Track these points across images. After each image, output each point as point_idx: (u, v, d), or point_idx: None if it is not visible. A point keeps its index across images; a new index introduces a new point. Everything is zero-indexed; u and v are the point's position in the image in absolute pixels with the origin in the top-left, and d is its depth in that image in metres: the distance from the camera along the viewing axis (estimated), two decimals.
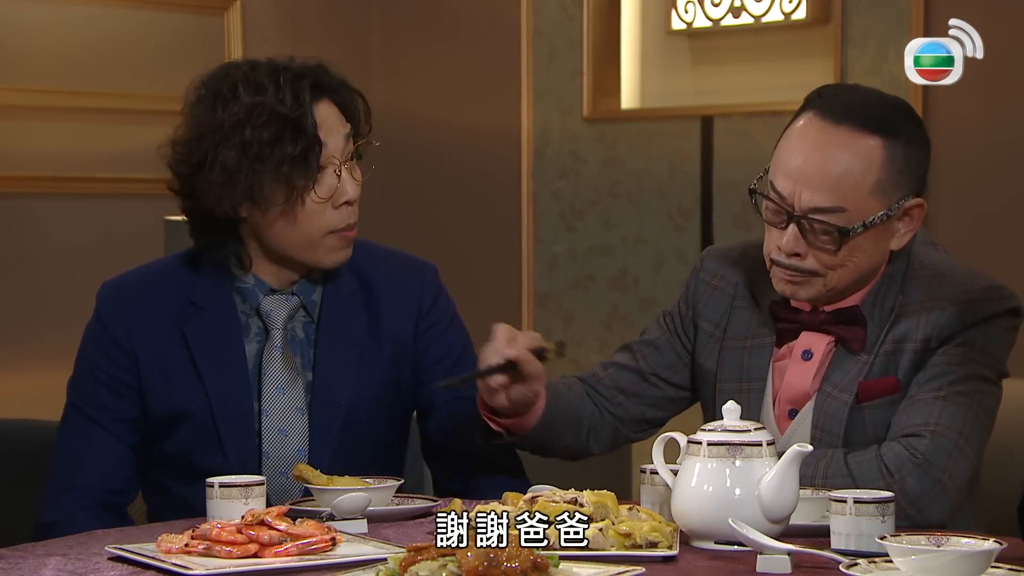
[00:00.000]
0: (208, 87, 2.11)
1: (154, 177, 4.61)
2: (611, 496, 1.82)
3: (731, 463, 1.75)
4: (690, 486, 1.77)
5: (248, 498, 1.83)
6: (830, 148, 1.98)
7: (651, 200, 4.54)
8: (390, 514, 1.97)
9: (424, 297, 2.24)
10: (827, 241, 2.00)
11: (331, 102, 2.12)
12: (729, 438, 1.77)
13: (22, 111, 4.42)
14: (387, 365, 2.19)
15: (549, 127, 4.74)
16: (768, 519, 1.74)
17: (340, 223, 2.10)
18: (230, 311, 2.14)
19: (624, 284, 4.62)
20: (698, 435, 1.79)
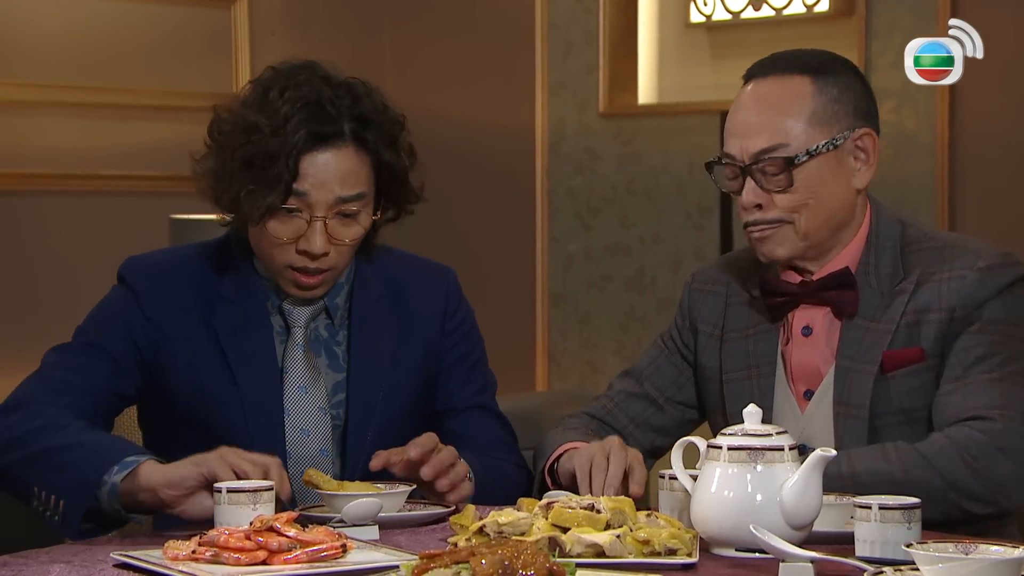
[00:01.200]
0: (257, 83, 2.13)
1: (160, 174, 4.71)
2: (629, 502, 1.82)
3: (752, 468, 1.75)
4: (710, 492, 1.77)
5: (257, 504, 1.82)
6: (761, 96, 2.10)
7: (669, 198, 4.54)
8: (402, 520, 1.97)
9: (450, 299, 2.26)
10: (779, 181, 2.07)
11: (339, 155, 2.08)
12: (750, 442, 1.76)
13: (25, 107, 4.43)
14: (418, 367, 2.21)
15: (564, 123, 4.74)
16: (791, 525, 1.74)
17: (296, 262, 2.10)
18: (259, 306, 2.15)
19: (641, 284, 4.62)
20: (718, 439, 1.79)
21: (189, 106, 4.57)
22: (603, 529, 1.75)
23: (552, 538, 1.72)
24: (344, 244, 2.11)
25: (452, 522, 1.87)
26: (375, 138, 2.10)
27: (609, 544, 1.71)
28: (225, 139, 2.09)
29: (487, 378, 2.30)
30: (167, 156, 4.56)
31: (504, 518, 1.77)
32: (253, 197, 2.05)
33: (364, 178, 2.11)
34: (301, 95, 2.07)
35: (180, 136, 4.53)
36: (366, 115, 2.10)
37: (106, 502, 1.93)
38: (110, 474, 1.91)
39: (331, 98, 2.08)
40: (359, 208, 2.11)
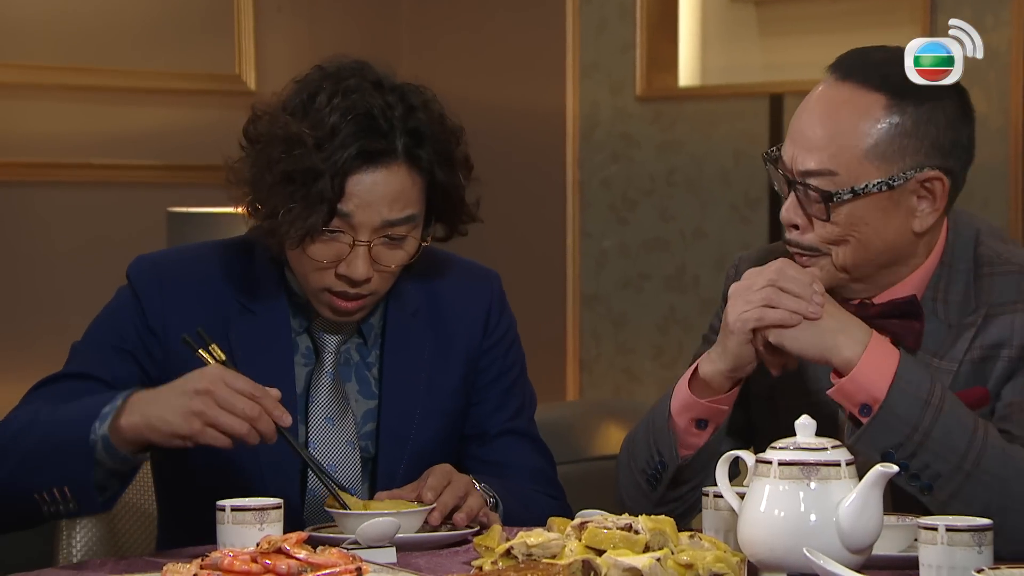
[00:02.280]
0: (301, 85, 2.09)
1: (157, 163, 4.73)
2: (670, 522, 1.82)
3: (805, 485, 1.74)
4: (759, 511, 1.76)
5: (264, 523, 1.82)
6: (827, 106, 2.02)
7: (713, 189, 4.53)
8: (421, 542, 1.96)
9: (492, 311, 2.23)
10: (819, 209, 2.02)
11: (389, 174, 2.04)
12: (803, 457, 1.76)
13: (8, 90, 4.45)
14: (456, 391, 2.19)
15: (598, 107, 4.73)
16: (848, 548, 1.74)
17: (335, 286, 2.07)
18: (282, 321, 2.12)
19: (682, 283, 4.61)
20: (768, 453, 1.78)
21: (188, 89, 4.60)
22: (642, 551, 1.75)
23: (586, 561, 1.73)
24: (388, 270, 2.09)
25: (477, 544, 1.88)
26: (430, 156, 2.07)
27: (648, 568, 1.71)
28: (263, 147, 2.05)
29: (524, 398, 2.26)
30: (164, 144, 4.59)
31: (533, 539, 1.77)
32: (292, 217, 2.01)
33: (415, 199, 2.08)
34: (350, 104, 2.03)
35: (178, 122, 4.56)
36: (420, 130, 2.06)
37: (108, 459, 1.92)
38: (95, 432, 1.90)
39: (383, 108, 2.04)
40: (407, 232, 2.08)
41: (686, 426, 2.06)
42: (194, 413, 1.86)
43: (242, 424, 1.86)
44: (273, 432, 1.89)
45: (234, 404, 1.86)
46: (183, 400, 1.87)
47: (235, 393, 1.87)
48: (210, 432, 1.86)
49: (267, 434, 1.88)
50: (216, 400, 1.86)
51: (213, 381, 1.87)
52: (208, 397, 1.86)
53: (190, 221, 3.96)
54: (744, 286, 2.01)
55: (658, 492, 2.11)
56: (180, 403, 1.87)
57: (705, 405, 2.05)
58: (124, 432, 1.90)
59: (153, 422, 1.88)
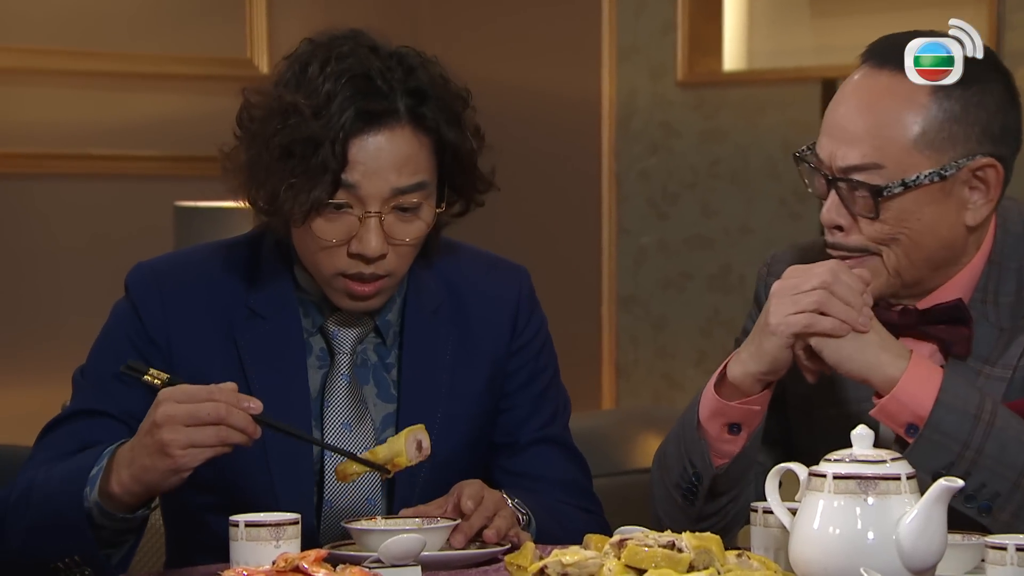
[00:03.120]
0: (292, 58, 2.11)
1: (163, 154, 4.74)
2: (716, 540, 1.81)
3: (863, 500, 1.74)
4: (812, 528, 1.76)
5: (280, 539, 1.83)
6: (867, 96, 2.02)
7: (760, 181, 4.53)
8: (448, 560, 1.96)
9: (521, 309, 2.22)
10: (866, 206, 2.01)
11: (394, 137, 2.05)
12: (860, 470, 1.75)
13: (6, 75, 4.47)
14: (481, 395, 2.18)
15: (636, 93, 4.73)
16: (909, 569, 1.73)
17: (349, 268, 2.07)
18: (294, 324, 2.12)
19: (727, 283, 4.61)
20: (822, 466, 1.77)
21: (196, 74, 4.61)
22: (686, 571, 1.75)
23: None
24: (403, 244, 2.08)
25: (508, 562, 1.88)
26: (435, 115, 2.07)
27: None
28: (258, 127, 2.06)
29: (558, 404, 2.25)
30: (171, 133, 4.59)
31: (569, 558, 1.77)
32: (295, 192, 2.01)
33: (424, 164, 2.08)
34: (345, 67, 2.04)
35: (186, 110, 4.57)
36: (422, 89, 2.06)
37: (108, 522, 1.94)
38: (87, 499, 1.93)
39: (381, 71, 2.04)
40: (420, 200, 2.07)
41: (718, 432, 2.05)
42: (163, 445, 1.87)
43: (215, 431, 1.87)
44: (249, 422, 1.88)
45: (196, 414, 1.87)
46: (148, 439, 1.88)
47: (191, 404, 1.88)
48: (192, 453, 1.87)
49: (245, 426, 1.88)
50: (178, 421, 1.87)
51: (165, 404, 1.88)
52: (169, 423, 1.87)
53: (199, 216, 3.96)
54: (790, 286, 2.00)
55: (696, 507, 2.11)
56: (149, 443, 1.88)
57: (736, 408, 2.04)
58: (118, 497, 1.92)
59: (138, 474, 1.90)
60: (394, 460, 1.99)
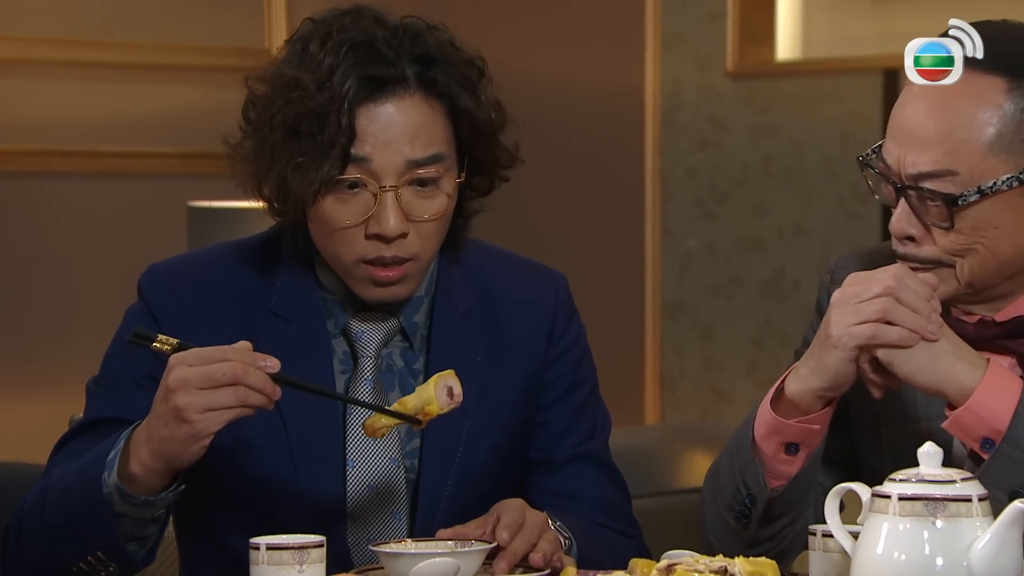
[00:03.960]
0: (292, 40, 2.12)
1: (176, 151, 4.74)
2: (771, 565, 1.82)
3: (930, 524, 1.73)
4: (876, 553, 1.75)
5: (303, 563, 1.83)
6: (936, 96, 2.01)
7: (816, 179, 4.52)
8: None
9: (558, 316, 2.22)
10: (939, 215, 2.00)
11: (403, 106, 2.06)
12: (928, 491, 1.74)
13: (6, 67, 4.48)
14: (513, 404, 2.18)
15: (682, 85, 4.72)
16: None
17: (368, 252, 2.07)
18: (318, 326, 2.13)
19: (780, 289, 4.60)
20: (886, 486, 1.77)
21: (212, 65, 4.61)
22: None
23: None
24: (424, 221, 2.08)
25: None
26: (446, 79, 2.07)
27: None
28: (261, 110, 2.08)
29: (597, 419, 2.25)
30: (184, 128, 4.60)
31: None
32: (303, 172, 2.02)
33: (440, 135, 2.08)
34: (346, 38, 2.05)
35: (200, 103, 4.57)
36: (431, 53, 2.06)
37: (129, 508, 1.95)
38: (105, 484, 1.94)
39: (386, 39, 2.06)
40: (437, 174, 2.08)
41: (774, 452, 2.05)
42: (179, 411, 1.88)
43: (233, 391, 1.88)
44: (267, 381, 1.90)
45: (211, 376, 1.88)
46: (163, 408, 1.90)
47: (205, 366, 1.89)
48: (211, 416, 1.89)
49: (263, 386, 1.90)
50: (193, 385, 1.88)
51: (177, 368, 1.90)
52: (182, 388, 1.88)
53: (214, 217, 3.97)
54: (852, 293, 1.99)
55: (749, 531, 2.10)
56: (164, 411, 1.90)
57: (794, 427, 2.03)
58: (139, 478, 1.93)
59: (157, 448, 1.91)
60: (425, 409, 1.99)
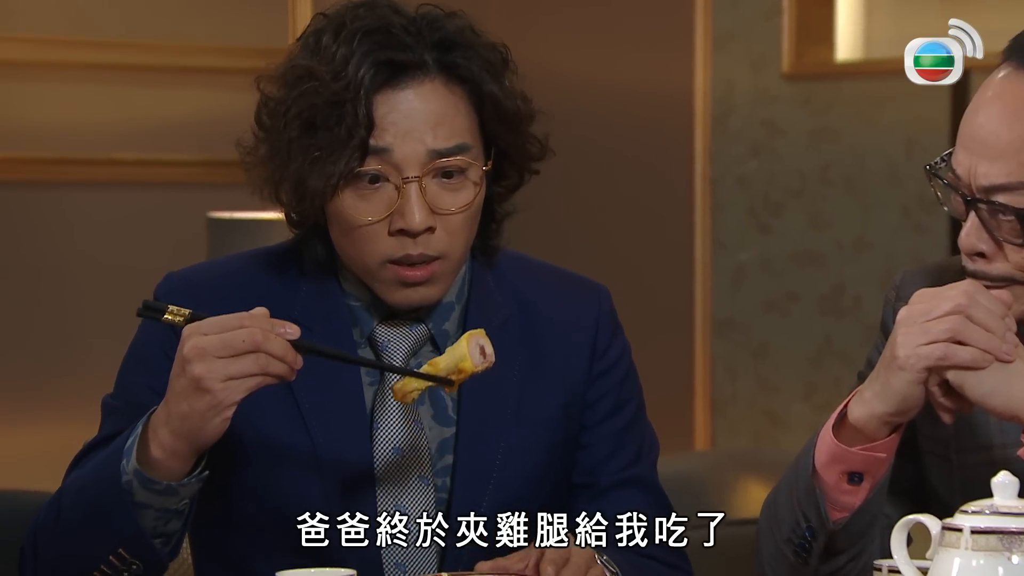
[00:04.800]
0: (304, 36, 2.14)
1: (195, 158, 4.75)
2: None
3: (1005, 559, 1.72)
4: None
5: None
6: (1011, 102, 2.00)
7: (879, 188, 4.52)
8: None
9: (601, 331, 2.22)
10: (1012, 230, 2.00)
11: (423, 92, 2.08)
12: (1003, 524, 1.73)
13: (16, 69, 4.50)
14: (554, 423, 2.18)
15: (734, 87, 4.74)
16: None
17: (394, 251, 2.08)
18: (344, 334, 2.14)
19: (839, 306, 4.60)
20: (957, 519, 1.75)
21: (233, 67, 4.62)
22: None
23: None
24: (451, 214, 2.08)
25: None
26: (467, 63, 2.08)
27: None
28: (273, 109, 2.09)
29: (643, 441, 2.24)
30: (204, 135, 4.62)
31: None
32: (320, 166, 2.04)
33: (463, 124, 2.09)
34: (360, 26, 2.07)
35: (221, 108, 4.58)
36: (450, 38, 2.08)
37: (150, 496, 1.96)
38: (124, 471, 1.95)
39: (402, 25, 2.08)
40: (464, 163, 2.08)
41: (836, 482, 2.03)
42: (197, 380, 1.90)
43: (254, 358, 1.90)
44: (288, 348, 1.92)
45: (229, 343, 1.90)
46: (181, 381, 1.91)
47: (222, 333, 1.91)
48: (232, 385, 1.90)
49: (284, 353, 1.91)
50: (210, 353, 1.90)
51: (193, 338, 1.91)
52: (199, 356, 1.90)
53: (235, 228, 4.00)
54: (920, 311, 1.98)
55: (810, 566, 2.08)
56: (182, 385, 1.91)
57: (858, 455, 2.01)
58: (161, 463, 1.94)
59: (177, 427, 1.93)
60: (459, 366, 1.99)
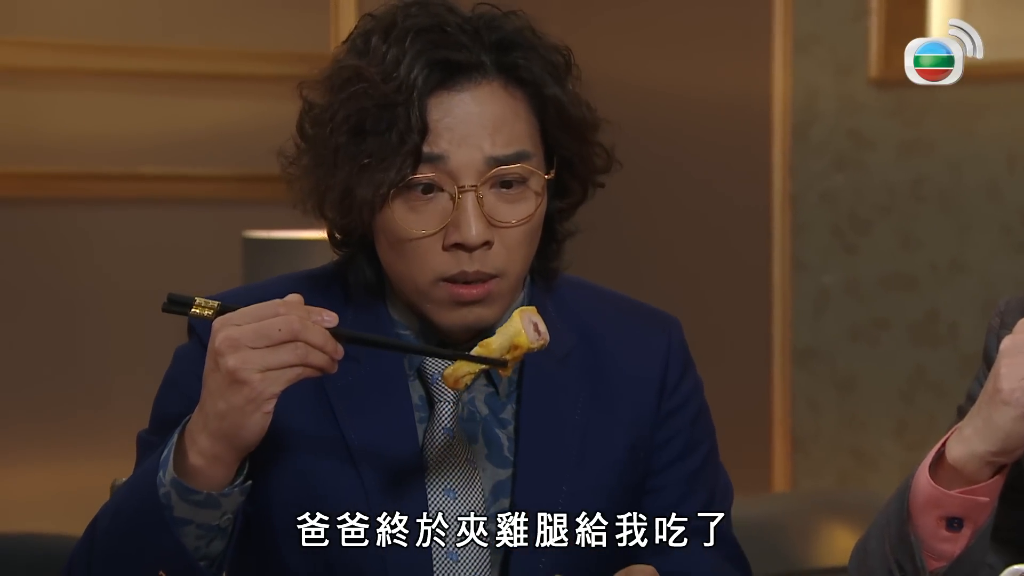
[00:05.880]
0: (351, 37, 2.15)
1: (230, 173, 4.76)
2: None
3: None
4: None
5: None
6: None
7: (978, 205, 4.51)
8: None
9: (671, 366, 2.23)
10: None
11: (480, 95, 2.09)
12: None
13: (37, 78, 4.53)
14: (619, 465, 2.18)
15: (817, 95, 4.74)
16: None
17: (448, 268, 2.09)
18: (394, 366, 2.15)
19: (934, 334, 4.58)
20: None
21: (270, 74, 4.65)
22: None
23: None
24: (510, 227, 2.10)
25: None
26: (528, 63, 2.09)
27: None
28: (318, 115, 2.10)
29: (716, 487, 2.26)
30: (239, 147, 4.65)
31: None
32: (369, 175, 2.05)
33: (523, 130, 2.10)
34: (412, 24, 2.08)
35: (257, 118, 4.61)
36: (510, 38, 2.10)
37: (190, 509, 1.97)
38: (161, 484, 1.97)
39: (458, 24, 2.09)
40: (525, 173, 2.10)
41: (933, 528, 2.03)
42: (233, 373, 1.91)
43: (292, 348, 1.91)
44: (327, 337, 1.93)
45: (265, 333, 1.91)
46: (215, 377, 1.93)
47: (256, 323, 1.92)
48: (271, 376, 1.91)
49: (323, 343, 1.93)
50: (245, 344, 1.91)
51: (225, 329, 1.93)
52: (232, 348, 1.91)
53: (273, 249, 4.02)
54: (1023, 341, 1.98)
55: None
56: (216, 382, 1.93)
57: (958, 498, 2.01)
58: (201, 470, 1.96)
59: (215, 428, 1.94)
60: (514, 342, 1.99)
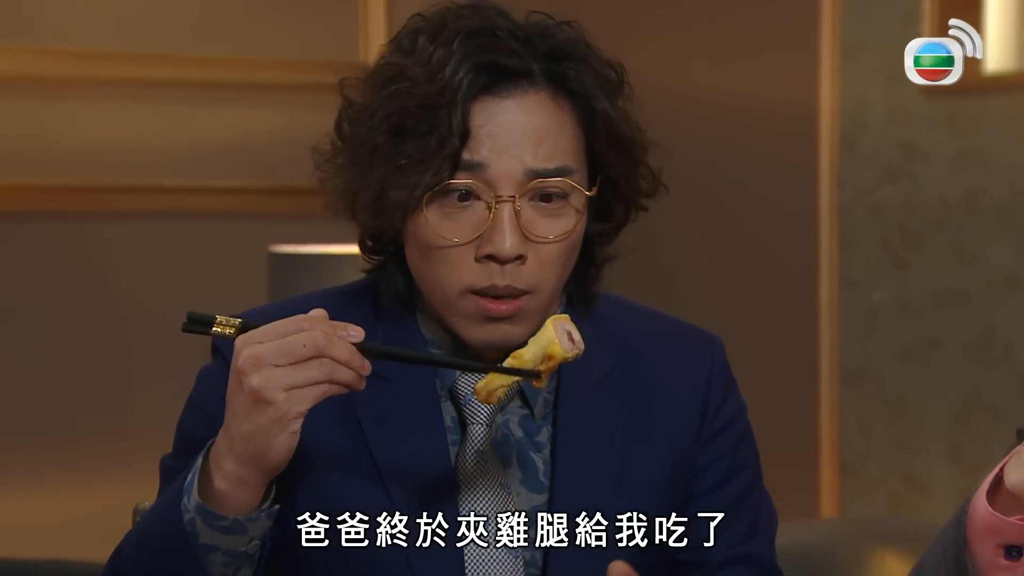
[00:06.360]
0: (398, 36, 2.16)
1: (255, 185, 4.76)
2: None
3: None
4: None
5: None
6: None
7: None
8: None
9: (714, 387, 2.24)
10: None
11: (526, 104, 2.10)
12: None
13: (57, 87, 4.54)
14: (660, 490, 2.19)
15: (866, 104, 4.73)
16: None
17: (479, 280, 2.10)
18: (426, 386, 2.15)
19: (990, 353, 4.57)
20: None
21: (298, 83, 4.67)
22: None
23: None
24: (547, 242, 2.10)
25: None
26: (579, 75, 2.10)
27: None
28: (357, 114, 2.11)
29: (760, 513, 2.26)
30: (265, 159, 4.66)
31: None
32: (405, 177, 2.06)
33: (568, 144, 2.11)
34: (462, 26, 2.09)
35: (284, 129, 4.61)
36: (562, 47, 2.11)
37: (216, 536, 1.98)
38: (186, 510, 1.98)
39: (509, 30, 2.10)
40: (565, 188, 2.10)
41: (991, 556, 2.03)
42: (257, 392, 1.91)
43: (318, 364, 1.91)
44: (353, 353, 1.93)
45: (289, 350, 1.91)
46: (239, 398, 1.93)
47: (280, 340, 1.92)
48: (297, 395, 1.91)
49: (350, 358, 1.93)
50: (268, 362, 1.91)
51: (247, 348, 1.93)
52: (256, 367, 1.91)
53: (300, 264, 4.02)
54: None
55: None
56: (240, 403, 1.93)
57: (1017, 525, 2.01)
58: (226, 494, 1.97)
59: (241, 451, 1.95)
60: (548, 352, 1.99)
